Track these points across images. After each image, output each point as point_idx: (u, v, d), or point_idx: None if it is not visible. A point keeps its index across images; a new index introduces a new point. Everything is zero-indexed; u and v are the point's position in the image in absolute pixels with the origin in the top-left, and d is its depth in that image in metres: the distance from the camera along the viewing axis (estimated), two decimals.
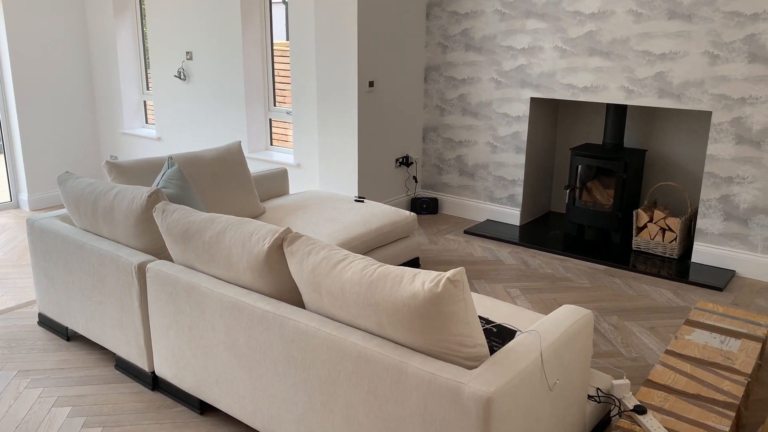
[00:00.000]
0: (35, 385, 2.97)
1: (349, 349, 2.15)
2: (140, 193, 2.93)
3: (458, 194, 5.45)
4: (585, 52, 4.55)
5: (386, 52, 4.97)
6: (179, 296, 2.66)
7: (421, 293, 2.01)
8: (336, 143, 4.97)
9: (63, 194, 3.23)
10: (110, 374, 3.06)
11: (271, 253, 2.45)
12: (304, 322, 2.29)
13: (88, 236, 3.10)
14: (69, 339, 3.38)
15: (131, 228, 2.93)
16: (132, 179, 3.49)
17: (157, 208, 2.82)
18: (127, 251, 2.92)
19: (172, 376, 2.79)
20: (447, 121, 5.37)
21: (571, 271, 4.34)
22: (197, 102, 5.78)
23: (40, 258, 3.34)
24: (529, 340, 2.18)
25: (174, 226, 2.74)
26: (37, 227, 3.31)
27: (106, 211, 3.01)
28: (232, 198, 3.89)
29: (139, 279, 2.81)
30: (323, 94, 4.93)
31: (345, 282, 2.21)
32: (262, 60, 5.49)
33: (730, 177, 4.16)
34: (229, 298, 2.50)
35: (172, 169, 3.41)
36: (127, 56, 6.28)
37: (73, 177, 3.26)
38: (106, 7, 6.10)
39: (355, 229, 3.80)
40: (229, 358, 2.53)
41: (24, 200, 6.06)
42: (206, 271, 2.68)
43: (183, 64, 5.76)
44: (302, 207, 4.13)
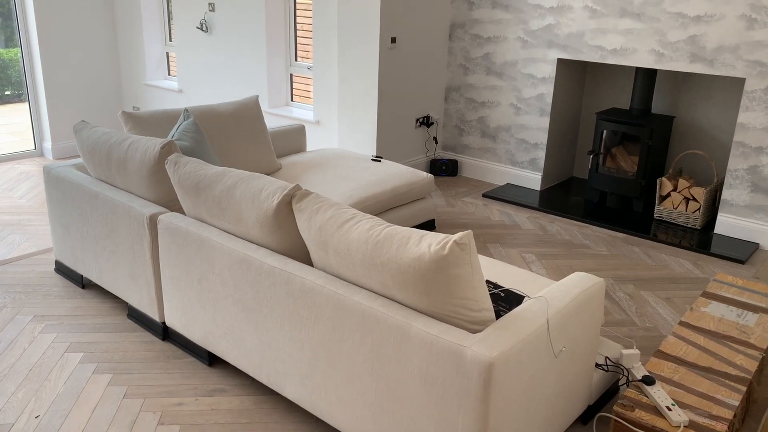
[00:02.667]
0: (49, 331, 3.03)
1: (353, 307, 2.14)
2: (153, 144, 2.92)
3: (479, 156, 5.36)
4: (616, 13, 4.38)
5: (410, 7, 4.84)
6: (189, 249, 2.67)
7: (426, 255, 1.97)
8: (355, 101, 4.90)
9: (78, 143, 3.23)
10: (122, 323, 3.11)
11: (280, 209, 2.43)
12: (310, 279, 2.27)
13: (102, 186, 3.11)
14: (84, 287, 3.44)
15: (144, 179, 2.93)
16: (148, 130, 3.47)
17: (170, 160, 2.81)
18: (140, 202, 2.92)
19: (182, 327, 2.82)
20: (470, 80, 5.25)
21: (590, 238, 4.26)
22: (219, 54, 5.72)
23: (56, 206, 3.37)
24: (536, 306, 2.15)
25: (186, 179, 2.73)
26: (54, 175, 3.33)
27: (119, 162, 3.01)
28: (248, 153, 3.87)
29: (151, 230, 2.82)
30: (344, 50, 4.84)
31: (351, 241, 2.18)
32: (284, 13, 5.40)
33: (761, 147, 4.01)
34: (237, 252, 2.50)
35: (187, 121, 3.38)
36: (150, 6, 6.23)
37: (89, 126, 3.26)
38: None
39: (370, 189, 3.77)
40: (237, 311, 2.54)
41: (48, 149, 6.12)
42: (217, 225, 2.67)
43: (205, 15, 5.69)
44: (318, 165, 4.09)
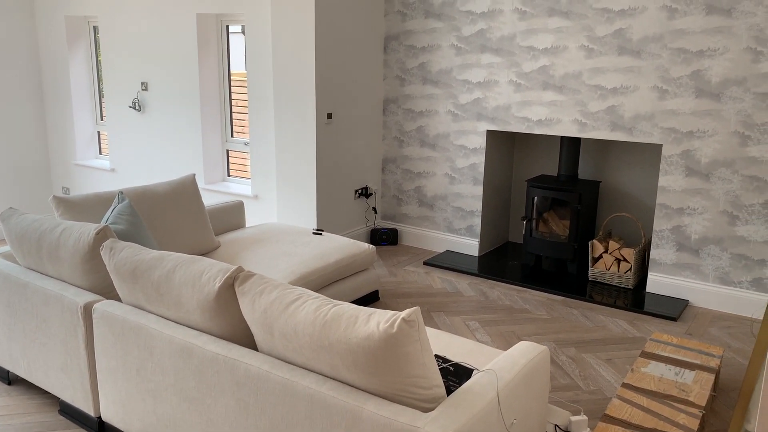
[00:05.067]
0: None
1: (302, 393, 2.09)
2: (87, 230, 2.83)
3: (418, 225, 5.45)
4: (539, 86, 4.64)
5: (344, 85, 4.98)
6: (127, 338, 2.57)
7: (376, 334, 1.97)
8: (294, 175, 4.93)
9: (6, 231, 3.10)
10: (54, 420, 2.92)
11: (222, 292, 2.39)
12: (256, 365, 2.22)
13: (32, 275, 2.98)
14: (10, 383, 3.22)
15: (78, 266, 2.83)
16: (81, 215, 3.38)
17: (105, 245, 2.73)
18: (73, 291, 2.81)
19: (119, 420, 2.68)
20: (406, 152, 5.39)
21: (529, 302, 4.35)
22: (153, 133, 5.68)
23: None
24: (485, 379, 2.16)
25: (122, 265, 2.65)
26: None
27: (51, 249, 2.90)
28: (186, 233, 3.80)
29: (85, 320, 2.70)
30: (281, 126, 4.90)
31: (298, 323, 2.16)
32: (219, 90, 5.45)
33: (681, 208, 4.26)
34: (178, 339, 2.42)
35: (122, 204, 3.31)
36: (80, 85, 6.16)
37: (18, 213, 3.14)
38: (59, 35, 5.99)
39: (312, 264, 3.75)
40: (179, 402, 2.44)
41: None
42: (156, 312, 2.59)
43: (138, 94, 5.67)
44: (258, 241, 4.06)
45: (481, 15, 4.80)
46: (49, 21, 6.02)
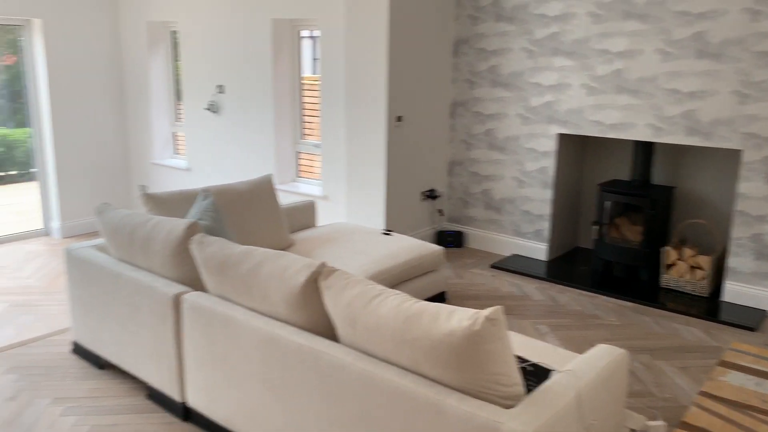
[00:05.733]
0: (69, 414, 3.00)
1: (384, 384, 2.16)
2: (178, 225, 2.99)
3: (484, 228, 5.46)
4: (613, 90, 4.59)
5: (414, 88, 5.05)
6: (214, 328, 2.70)
7: (458, 331, 2.02)
8: (364, 176, 5.03)
9: (101, 224, 3.30)
10: (142, 404, 3.09)
11: (307, 286, 2.48)
12: (338, 356, 2.30)
13: (124, 266, 3.16)
14: (102, 367, 3.42)
15: (168, 259, 2.98)
16: (167, 210, 3.55)
17: (194, 240, 2.88)
18: (163, 282, 2.96)
19: (205, 407, 2.81)
20: (473, 155, 5.41)
21: (600, 308, 4.31)
22: (227, 134, 5.89)
23: (76, 286, 3.40)
24: (565, 379, 2.18)
25: (211, 259, 2.78)
26: (75, 256, 3.38)
27: (143, 242, 3.07)
28: (262, 230, 3.94)
29: (175, 310, 2.85)
30: (352, 128, 5.01)
31: (381, 317, 2.23)
32: (291, 93, 5.60)
33: (762, 216, 4.13)
34: (264, 330, 2.53)
35: (206, 201, 3.47)
36: (158, 88, 6.44)
37: (111, 208, 3.34)
38: (140, 40, 6.28)
39: (383, 263, 3.83)
40: (264, 391, 2.54)
41: (56, 228, 6.18)
42: (242, 303, 2.71)
43: (214, 97, 5.89)
44: (330, 240, 4.16)
45: (554, 18, 4.79)
46: (132, 27, 6.33)
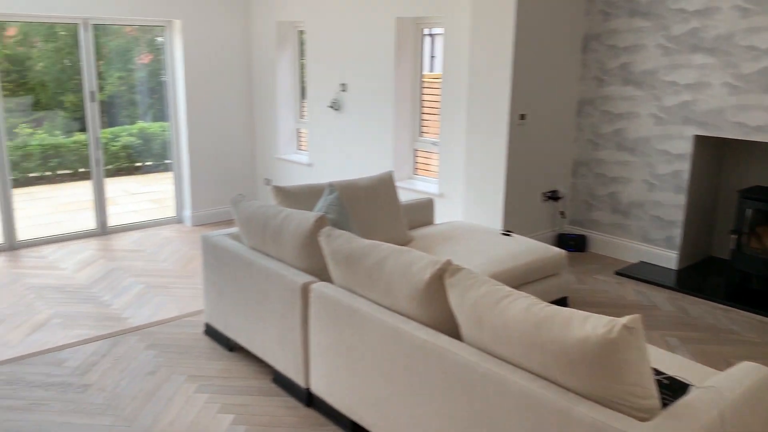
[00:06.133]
0: (202, 391, 3.19)
1: (511, 387, 2.12)
2: (307, 218, 3.09)
3: (609, 232, 5.24)
4: (760, 89, 4.24)
5: (539, 85, 4.92)
6: (340, 318, 2.77)
7: (593, 338, 1.94)
8: (483, 175, 4.98)
9: (236, 214, 3.48)
10: (268, 387, 3.23)
11: (431, 283, 2.49)
12: (463, 355, 2.29)
13: (256, 255, 3.32)
14: (231, 349, 3.61)
15: (297, 249, 3.10)
16: (295, 203, 3.69)
17: (323, 232, 2.97)
18: (292, 271, 3.08)
19: (328, 394, 2.89)
20: (600, 155, 5.20)
21: (737, 322, 4.00)
22: (347, 131, 6.03)
23: (211, 272, 3.62)
24: (707, 396, 2.04)
25: (338, 251, 2.86)
26: (211, 243, 3.59)
27: (274, 233, 3.21)
28: (383, 225, 4.00)
29: (303, 298, 2.95)
30: (473, 125, 4.97)
31: (509, 319, 2.19)
32: (411, 91, 5.64)
33: None
34: (389, 324, 2.56)
35: (332, 195, 3.57)
36: (284, 87, 6.70)
37: (246, 199, 3.51)
38: (269, 40, 6.57)
39: (503, 263, 3.77)
40: (386, 383, 2.58)
41: (187, 216, 6.60)
42: (366, 296, 2.76)
43: (337, 95, 6.05)
44: (448, 238, 4.15)
45: (694, 13, 4.50)
46: (262, 27, 6.63)
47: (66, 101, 7.52)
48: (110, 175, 6.68)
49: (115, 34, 7.20)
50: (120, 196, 7.64)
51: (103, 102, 6.27)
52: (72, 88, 7.37)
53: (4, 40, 7.01)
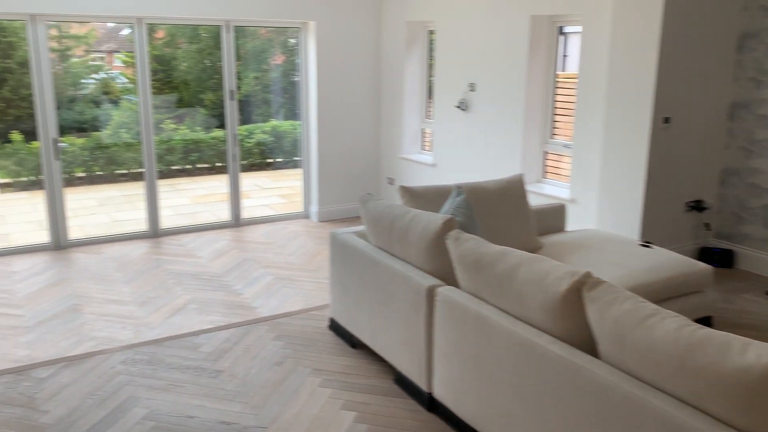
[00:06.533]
0: (326, 385, 3.24)
1: (655, 413, 1.95)
2: (435, 219, 3.05)
3: (762, 248, 4.76)
4: None
5: (686, 87, 4.57)
6: (466, 324, 2.70)
7: (756, 368, 1.75)
8: (620, 180, 4.70)
9: (363, 213, 3.50)
10: (389, 387, 3.22)
11: (568, 295, 2.36)
12: (602, 374, 2.14)
13: (382, 254, 3.32)
14: (354, 346, 3.65)
15: (423, 251, 3.06)
16: (422, 204, 3.66)
17: (451, 235, 2.91)
18: (418, 273, 3.05)
19: (450, 401, 2.83)
20: (754, 164, 4.74)
21: None
22: (474, 131, 5.92)
23: (337, 268, 3.67)
24: None
25: (466, 255, 2.79)
26: (339, 240, 3.64)
27: (401, 233, 3.19)
28: (512, 230, 3.87)
29: (428, 301, 2.91)
30: (611, 128, 4.70)
31: (656, 339, 2.02)
32: (544, 91, 5.44)
33: None
34: (519, 334, 2.46)
35: (459, 197, 3.50)
36: (411, 86, 6.71)
37: (374, 198, 3.53)
38: (399, 39, 6.60)
39: (641, 277, 3.52)
40: (513, 395, 2.48)
41: (313, 212, 6.79)
42: (494, 303, 2.67)
43: (465, 95, 5.97)
44: (581, 246, 3.95)
45: None
46: (392, 26, 6.67)
47: (206, 99, 8.00)
48: (244, 170, 7.01)
49: (252, 36, 7.54)
50: (252, 190, 8.02)
51: (239, 101, 6.59)
52: (211, 87, 7.82)
53: (153, 41, 7.56)
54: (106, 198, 7.39)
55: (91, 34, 8.06)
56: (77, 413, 3.01)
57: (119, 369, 3.42)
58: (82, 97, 7.93)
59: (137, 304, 4.35)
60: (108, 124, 7.76)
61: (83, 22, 6.30)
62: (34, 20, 5.22)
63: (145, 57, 5.74)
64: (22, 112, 6.88)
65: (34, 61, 5.28)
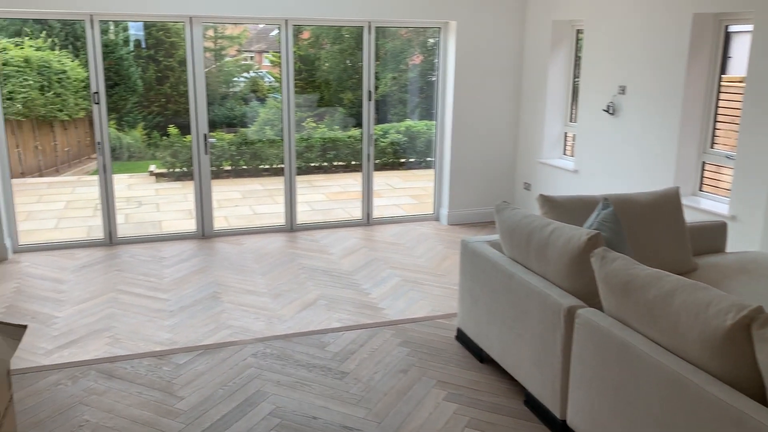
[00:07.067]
0: (451, 400, 3.13)
1: None
2: (578, 234, 2.83)
3: None
4: None
5: None
6: (609, 351, 2.46)
7: None
8: None
9: (498, 222, 3.34)
10: (518, 409, 3.04)
11: (734, 332, 2.07)
12: None
13: (517, 267, 3.14)
14: (482, 361, 3.50)
15: (563, 268, 2.85)
16: (563, 215, 3.43)
17: (596, 253, 2.68)
18: (557, 291, 2.84)
19: (586, 431, 2.61)
20: None
21: None
22: (622, 138, 5.52)
23: (467, 278, 3.53)
24: None
25: (613, 276, 2.55)
26: (470, 249, 3.50)
27: (539, 246, 3.00)
28: (663, 249, 3.53)
29: (566, 323, 2.70)
30: None
31: None
32: (705, 96, 4.94)
33: None
34: (670, 370, 2.19)
35: (606, 210, 3.23)
36: (555, 88, 6.39)
37: (510, 207, 3.35)
38: (543, 40, 6.31)
39: None
40: None
41: (443, 214, 6.68)
42: (643, 332, 2.42)
43: (614, 98, 5.58)
44: (743, 271, 3.52)
45: None
46: (537, 26, 6.39)
47: (345, 99, 8.16)
48: (377, 169, 7.06)
49: (392, 36, 7.57)
50: (384, 190, 8.08)
51: (376, 100, 6.62)
52: (350, 87, 7.97)
53: (299, 42, 7.82)
54: (249, 191, 7.77)
55: (243, 34, 8.52)
56: (209, 402, 3.12)
57: (250, 362, 3.52)
58: (233, 95, 8.41)
59: (271, 296, 4.48)
60: (254, 121, 8.16)
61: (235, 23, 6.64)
62: (192, 22, 5.55)
63: (290, 57, 5.92)
64: (179, 108, 7.39)
65: (190, 60, 5.62)
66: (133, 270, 5.00)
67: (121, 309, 4.24)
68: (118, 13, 5.33)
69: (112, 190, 5.65)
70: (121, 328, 3.95)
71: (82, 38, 5.36)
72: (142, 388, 3.23)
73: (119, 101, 7.56)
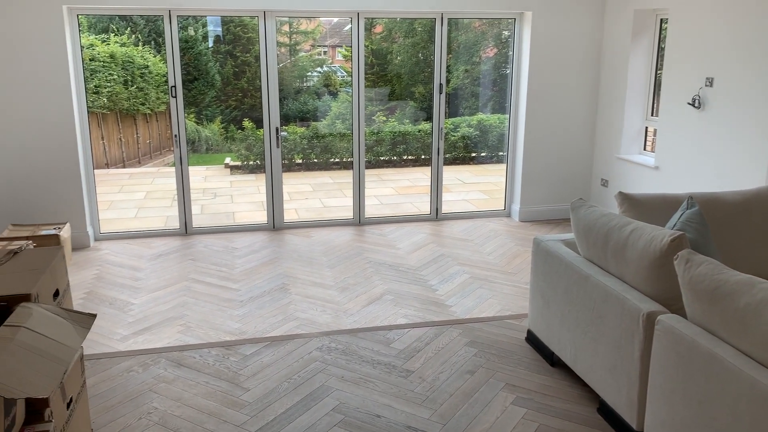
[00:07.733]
0: (520, 404, 3.01)
1: None
2: (661, 235, 2.65)
3: None
4: None
5: None
6: (693, 362, 2.29)
7: None
8: None
9: (573, 221, 3.19)
10: (591, 417, 2.90)
11: None
12: None
13: (593, 269, 2.98)
14: (553, 365, 3.36)
15: (644, 270, 2.68)
16: (644, 214, 3.24)
17: (680, 255, 2.49)
18: (636, 295, 2.68)
19: None
20: None
21: None
22: (708, 133, 5.19)
23: (539, 278, 3.40)
24: None
25: (699, 281, 2.37)
26: (543, 248, 3.36)
27: (617, 247, 2.84)
28: (753, 252, 3.28)
29: (645, 329, 2.54)
30: None
31: None
32: None
33: None
34: (762, 385, 2.01)
35: (691, 210, 3.02)
36: (636, 80, 6.09)
37: (587, 205, 3.19)
38: (624, 30, 6.02)
39: None
40: None
41: (515, 210, 6.50)
42: (732, 343, 2.23)
43: (700, 90, 5.25)
44: None
45: None
46: (617, 16, 6.10)
47: (416, 92, 8.08)
48: (447, 164, 6.95)
49: (465, 29, 7.43)
50: (454, 184, 7.95)
51: (448, 94, 6.51)
52: (422, 80, 7.88)
53: (372, 36, 7.79)
54: (319, 184, 7.82)
55: (317, 29, 8.58)
56: (273, 395, 3.13)
57: (315, 355, 3.51)
58: (306, 89, 8.49)
59: (338, 289, 4.47)
60: (327, 115, 8.20)
61: (307, 17, 6.67)
62: (265, 16, 5.60)
63: (361, 50, 5.89)
64: (255, 102, 7.51)
65: (264, 54, 5.68)
66: (206, 260, 5.11)
67: (194, 298, 4.34)
68: (195, 8, 5.45)
69: (188, 182, 5.80)
70: (193, 316, 4.04)
71: (163, 34, 5.52)
72: (209, 377, 3.28)
73: (198, 95, 7.77)
